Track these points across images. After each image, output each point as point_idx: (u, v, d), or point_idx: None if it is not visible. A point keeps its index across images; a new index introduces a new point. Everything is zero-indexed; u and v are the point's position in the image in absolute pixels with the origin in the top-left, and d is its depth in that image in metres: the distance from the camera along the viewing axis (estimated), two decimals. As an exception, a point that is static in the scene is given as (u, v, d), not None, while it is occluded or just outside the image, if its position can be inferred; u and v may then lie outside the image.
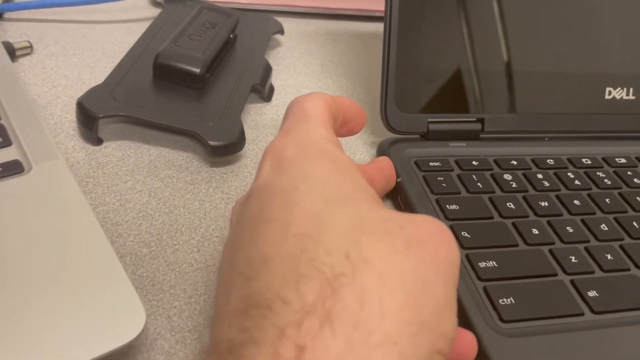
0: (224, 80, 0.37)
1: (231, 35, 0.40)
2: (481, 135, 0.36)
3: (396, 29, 0.33)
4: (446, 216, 0.30)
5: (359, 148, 0.37)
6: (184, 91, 0.35)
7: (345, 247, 0.16)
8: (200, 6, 0.41)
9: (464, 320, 0.24)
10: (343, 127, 0.25)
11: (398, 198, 0.32)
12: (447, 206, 0.30)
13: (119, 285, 0.22)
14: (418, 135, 0.36)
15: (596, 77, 0.37)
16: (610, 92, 0.38)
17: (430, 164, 0.33)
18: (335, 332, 0.14)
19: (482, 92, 0.36)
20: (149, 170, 0.32)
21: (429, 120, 0.35)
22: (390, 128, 0.35)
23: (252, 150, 0.35)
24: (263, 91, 0.39)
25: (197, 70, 0.35)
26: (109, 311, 0.21)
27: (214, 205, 0.30)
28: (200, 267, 0.27)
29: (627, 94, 0.38)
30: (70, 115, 0.35)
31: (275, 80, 0.42)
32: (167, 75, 0.35)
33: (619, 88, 0.38)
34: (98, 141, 0.33)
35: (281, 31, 0.46)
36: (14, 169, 0.27)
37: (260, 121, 0.37)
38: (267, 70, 0.40)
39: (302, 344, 0.14)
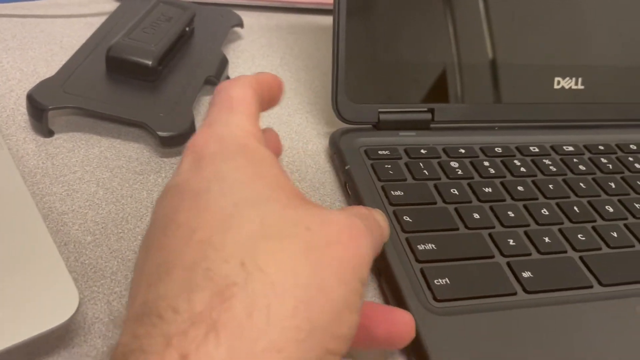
0: (178, 73, 0.37)
1: (187, 29, 0.41)
2: (432, 125, 0.37)
3: (344, 21, 0.34)
4: (390, 202, 0.30)
5: (312, 138, 0.37)
6: (137, 84, 0.36)
7: (242, 255, 0.16)
8: (156, 0, 0.42)
9: (399, 300, 0.25)
10: (268, 105, 0.25)
11: (346, 185, 0.32)
12: (392, 192, 0.31)
13: (54, 271, 0.22)
14: (370, 125, 0.36)
15: (545, 68, 0.38)
16: (559, 82, 0.39)
17: (380, 152, 0.34)
18: (219, 341, 0.15)
19: (432, 83, 0.37)
20: (99, 161, 0.32)
21: (380, 110, 0.36)
22: (342, 118, 0.36)
23: (205, 141, 0.35)
24: (218, 83, 0.39)
25: (149, 63, 0.35)
26: (42, 295, 0.22)
27: (161, 194, 0.31)
28: (144, 254, 0.27)
29: (576, 84, 0.39)
30: (23, 108, 0.35)
31: (234, 72, 0.43)
32: (119, 68, 0.36)
33: (568, 78, 0.39)
34: (49, 133, 0.34)
35: (240, 24, 0.46)
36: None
37: (214, 113, 0.38)
38: (223, 62, 0.40)
39: (185, 352, 0.15)
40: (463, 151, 0.35)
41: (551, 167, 0.35)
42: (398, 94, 0.36)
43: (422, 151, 0.35)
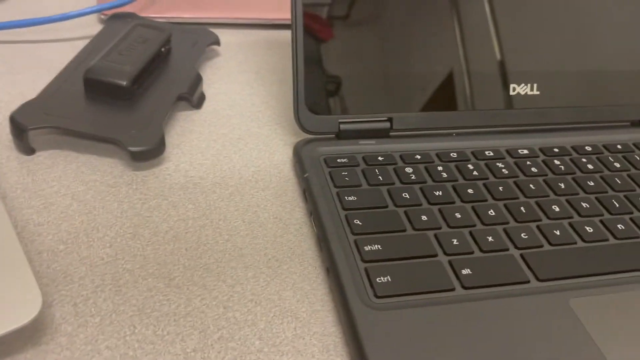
0: (153, 91, 0.40)
1: (163, 49, 0.43)
2: (391, 133, 0.39)
3: (302, 36, 0.37)
4: (343, 206, 0.33)
5: (279, 149, 0.40)
6: (113, 103, 0.38)
7: None
8: (134, 23, 0.44)
9: (341, 296, 0.27)
10: None
11: (304, 192, 0.35)
12: (346, 197, 0.33)
13: (21, 276, 0.25)
14: (332, 135, 0.39)
15: (501, 75, 0.40)
16: (514, 89, 0.41)
17: (338, 160, 0.36)
18: None
19: (390, 93, 0.39)
20: (75, 175, 0.35)
21: (340, 120, 0.38)
22: (304, 129, 0.38)
23: (176, 154, 0.38)
24: (191, 99, 0.42)
25: (123, 83, 0.38)
26: (7, 298, 0.24)
27: (131, 204, 0.33)
28: (110, 261, 0.30)
29: (532, 90, 0.41)
30: (8, 129, 0.38)
31: (209, 88, 0.45)
32: (96, 89, 0.39)
33: (523, 84, 0.41)
34: (30, 151, 0.36)
35: (217, 42, 0.49)
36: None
37: (187, 127, 0.41)
38: (197, 79, 0.43)
39: None
40: (419, 157, 0.37)
41: (503, 170, 0.37)
42: (357, 105, 0.39)
43: (380, 158, 0.37)
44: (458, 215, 0.33)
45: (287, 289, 0.29)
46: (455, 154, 0.38)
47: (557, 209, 0.34)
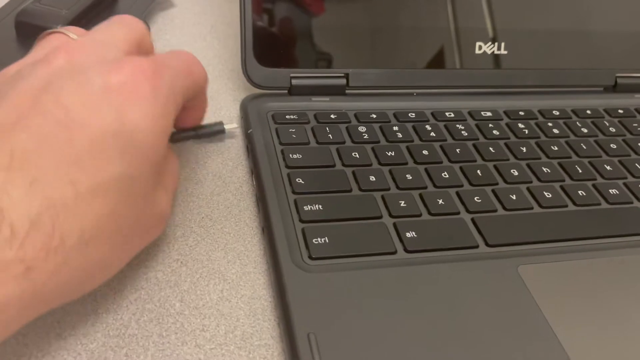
0: (90, 38, 0.38)
1: (107, -5, 0.41)
2: (347, 91, 0.37)
3: (251, -18, 0.34)
4: (287, 164, 0.31)
5: (227, 104, 0.37)
6: (47, 48, 0.36)
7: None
8: (78, -35, 0.42)
9: (273, 256, 0.26)
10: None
11: (247, 147, 0.33)
12: (290, 155, 0.31)
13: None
14: (284, 91, 0.37)
15: (466, 32, 0.38)
16: (480, 47, 0.39)
17: (287, 117, 0.34)
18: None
19: (347, 47, 0.37)
20: None
21: (292, 75, 0.36)
22: (252, 82, 0.36)
23: (114, 106, 0.35)
24: (134, 49, 0.39)
25: (57, 28, 0.36)
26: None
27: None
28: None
29: (499, 49, 0.39)
30: None
31: (159, 40, 0.43)
32: (29, 34, 0.36)
33: (490, 43, 0.39)
34: (-48, 98, 0.34)
35: (170, -8, 0.46)
36: None
37: (129, 79, 0.38)
38: (142, 29, 0.40)
39: None
40: (375, 116, 0.35)
41: (463, 132, 0.35)
42: (312, 59, 0.36)
43: (332, 116, 0.35)
44: (409, 176, 0.31)
45: (219, 249, 0.27)
46: (413, 114, 0.36)
47: (516, 173, 0.32)
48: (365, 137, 0.33)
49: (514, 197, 0.31)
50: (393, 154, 0.32)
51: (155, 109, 0.22)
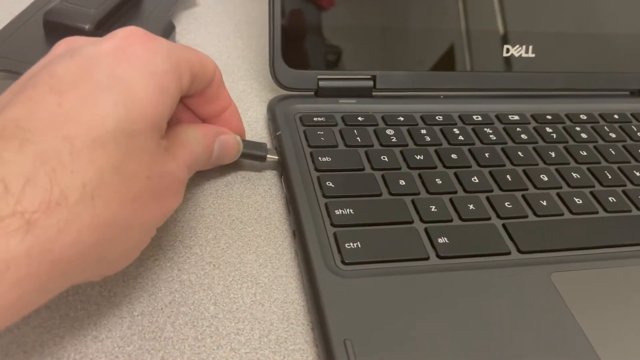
0: (117, 37, 0.38)
1: (133, -6, 0.41)
2: (374, 93, 0.37)
3: (281, -17, 0.34)
4: (316, 167, 0.31)
5: (254, 105, 0.38)
6: (75, 48, 0.36)
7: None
8: (104, -36, 0.42)
9: (306, 261, 0.26)
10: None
11: (275, 148, 0.33)
12: (320, 158, 0.31)
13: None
14: (311, 93, 0.37)
15: (494, 35, 0.38)
16: (508, 50, 0.39)
17: (315, 119, 0.34)
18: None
19: (375, 49, 0.37)
20: (29, 124, 0.33)
21: (319, 77, 0.36)
22: (280, 84, 0.36)
23: (141, 106, 0.36)
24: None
25: (86, 27, 0.36)
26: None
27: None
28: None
29: (526, 52, 0.39)
30: (-41, 72, 0.36)
31: (182, 39, 0.43)
32: (57, 32, 0.36)
33: (518, 45, 0.39)
34: (-18, 96, 0.34)
35: (194, -9, 0.46)
36: None
37: (156, 79, 0.38)
38: (168, 28, 0.40)
39: None
40: (402, 119, 0.35)
41: (491, 136, 0.35)
42: (339, 60, 0.36)
43: (360, 118, 0.35)
44: (439, 181, 0.31)
45: (250, 252, 0.27)
46: (441, 117, 0.36)
47: (546, 179, 0.32)
48: (393, 140, 0.33)
49: (544, 203, 0.31)
50: (422, 158, 0.32)
51: (149, 66, 0.22)
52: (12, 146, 0.18)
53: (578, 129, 0.37)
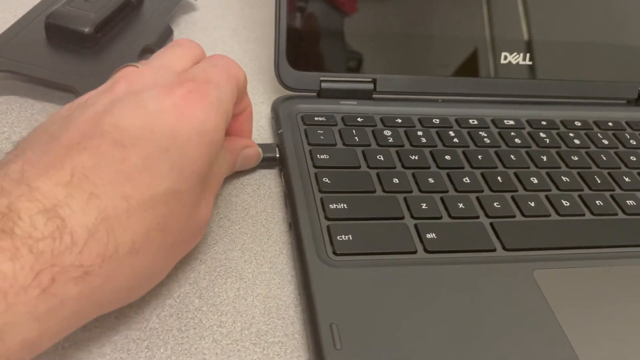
0: (118, 41, 0.40)
1: (133, -1, 0.43)
2: (374, 95, 0.39)
3: (286, -13, 0.36)
4: (314, 164, 0.32)
5: (257, 105, 0.39)
6: (76, 50, 0.38)
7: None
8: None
9: (299, 250, 0.27)
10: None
11: (277, 146, 0.34)
12: (318, 155, 0.33)
13: None
14: (314, 94, 0.38)
15: (492, 42, 0.40)
16: (506, 57, 0.40)
17: (315, 118, 0.36)
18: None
19: (375, 53, 0.38)
20: (29, 122, 0.35)
21: (322, 78, 0.38)
22: (283, 85, 0.38)
23: (149, 103, 0.38)
24: (156, 51, 0.41)
25: (85, 30, 0.38)
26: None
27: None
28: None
29: (524, 59, 0.40)
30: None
31: (188, 42, 0.45)
32: (58, 35, 0.38)
33: (515, 53, 0.40)
34: (-15, 95, 0.36)
35: (193, -5, 0.48)
36: None
37: (162, 78, 0.40)
38: (166, 32, 0.42)
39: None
40: (400, 121, 0.37)
41: (485, 139, 0.36)
42: (341, 63, 0.38)
43: (359, 119, 0.36)
44: (431, 180, 0.32)
45: (236, 249, 0.29)
46: (437, 120, 0.38)
47: (536, 181, 0.34)
48: (390, 140, 0.35)
49: (532, 204, 0.32)
50: (416, 158, 0.34)
51: (204, 125, 0.24)
52: (80, 197, 0.20)
53: (572, 135, 0.38)
